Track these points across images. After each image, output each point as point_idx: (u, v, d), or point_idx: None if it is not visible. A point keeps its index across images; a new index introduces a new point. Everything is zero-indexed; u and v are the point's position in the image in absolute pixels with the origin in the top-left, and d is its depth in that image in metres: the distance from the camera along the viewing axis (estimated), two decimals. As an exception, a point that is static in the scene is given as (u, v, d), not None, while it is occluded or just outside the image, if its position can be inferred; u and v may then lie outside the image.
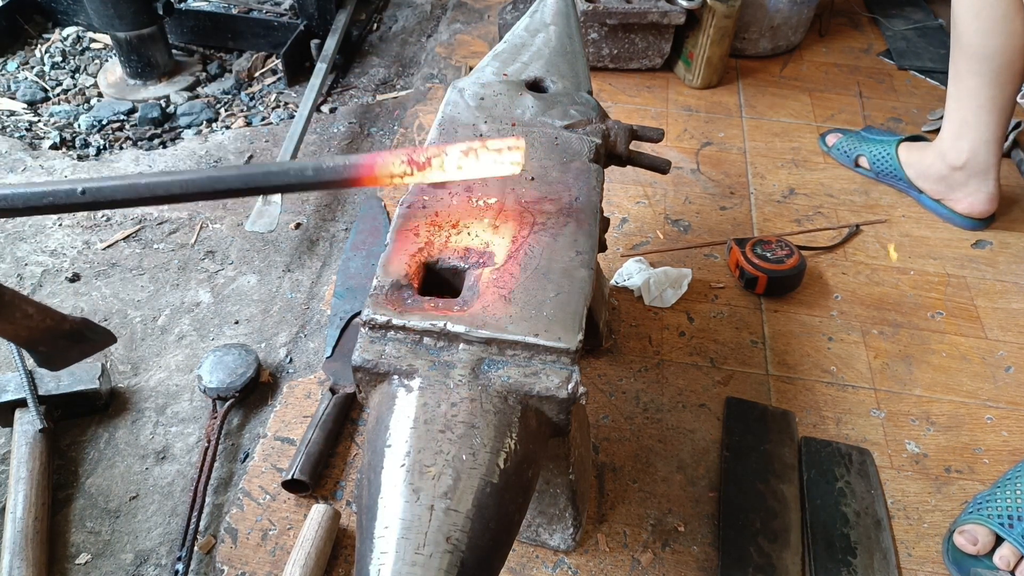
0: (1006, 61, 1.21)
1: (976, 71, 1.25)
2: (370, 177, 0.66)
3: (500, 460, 0.58)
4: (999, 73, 1.23)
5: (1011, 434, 1.06)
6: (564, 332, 0.63)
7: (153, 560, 0.91)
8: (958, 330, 1.21)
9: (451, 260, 0.69)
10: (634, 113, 1.67)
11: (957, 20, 1.24)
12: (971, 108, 1.29)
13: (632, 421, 1.05)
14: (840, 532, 0.93)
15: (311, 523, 0.88)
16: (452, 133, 0.83)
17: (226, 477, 0.99)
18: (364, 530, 0.57)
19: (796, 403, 1.09)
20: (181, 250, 1.32)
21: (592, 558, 0.90)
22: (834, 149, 1.54)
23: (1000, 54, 1.21)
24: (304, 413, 1.05)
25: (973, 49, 1.23)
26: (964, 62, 1.26)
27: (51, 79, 1.75)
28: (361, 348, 0.64)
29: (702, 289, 1.26)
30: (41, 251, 1.30)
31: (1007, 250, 1.36)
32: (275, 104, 1.71)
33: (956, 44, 1.27)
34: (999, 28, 1.18)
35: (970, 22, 1.21)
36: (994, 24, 1.18)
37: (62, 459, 1.01)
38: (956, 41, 1.27)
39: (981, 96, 1.27)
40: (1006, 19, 1.17)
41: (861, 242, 1.36)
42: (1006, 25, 1.18)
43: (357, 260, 1.28)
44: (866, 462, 1.01)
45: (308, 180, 0.66)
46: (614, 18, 1.65)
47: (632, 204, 1.42)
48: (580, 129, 0.84)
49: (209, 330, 1.18)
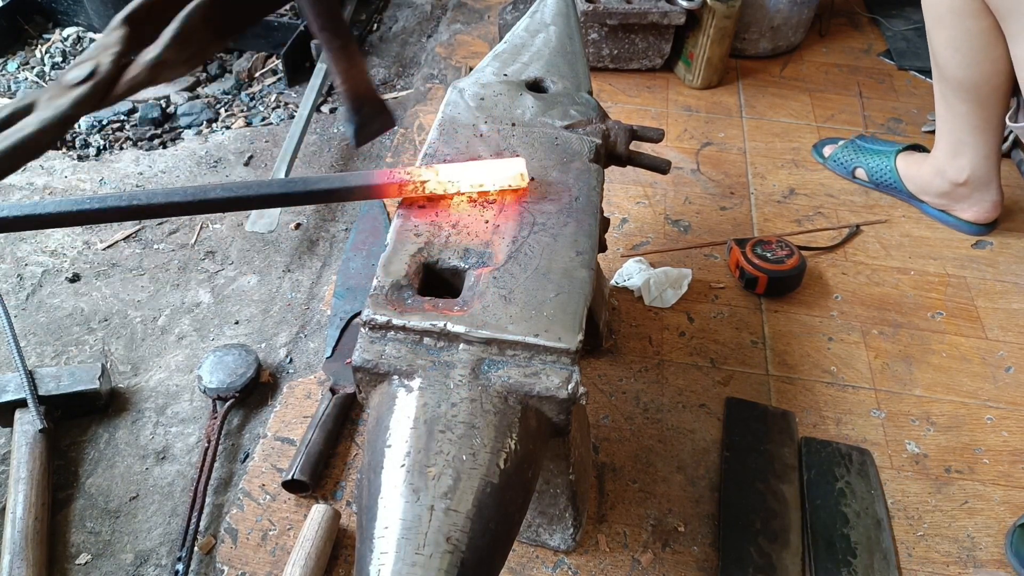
0: (992, 87, 1.19)
1: (964, 99, 1.23)
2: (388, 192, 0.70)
3: (500, 460, 0.58)
4: (988, 97, 1.20)
5: (1011, 434, 1.06)
6: (564, 332, 0.63)
7: (153, 560, 0.91)
8: (958, 330, 1.21)
9: (451, 260, 0.69)
10: (634, 113, 1.67)
11: (936, 54, 1.22)
12: (966, 129, 1.26)
13: (632, 421, 1.05)
14: (840, 532, 0.93)
15: (311, 523, 0.88)
16: (452, 133, 0.83)
17: (226, 477, 0.99)
18: (364, 530, 0.57)
19: (796, 403, 1.09)
20: (181, 250, 1.32)
21: (592, 558, 0.90)
22: (830, 161, 1.52)
23: (986, 82, 1.18)
24: (304, 413, 1.05)
25: (958, 81, 1.21)
26: (950, 91, 1.24)
27: (51, 79, 1.75)
28: (361, 348, 0.64)
29: (702, 289, 1.26)
30: (41, 251, 1.30)
31: (1007, 250, 1.36)
32: (275, 104, 1.71)
33: (940, 76, 1.25)
34: (980, 58, 1.16)
35: (951, 56, 1.19)
36: (974, 55, 1.16)
37: (62, 459, 1.01)
38: (939, 73, 1.24)
39: (974, 118, 1.24)
40: (986, 48, 1.14)
41: (861, 242, 1.36)
42: (988, 53, 1.15)
43: (357, 260, 1.28)
44: (866, 462, 1.01)
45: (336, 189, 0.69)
46: (614, 18, 1.65)
47: (632, 204, 1.42)
48: (580, 129, 0.84)
49: (209, 330, 1.18)
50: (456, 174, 0.74)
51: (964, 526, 0.96)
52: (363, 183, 0.72)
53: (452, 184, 0.73)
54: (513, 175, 0.74)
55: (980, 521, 0.96)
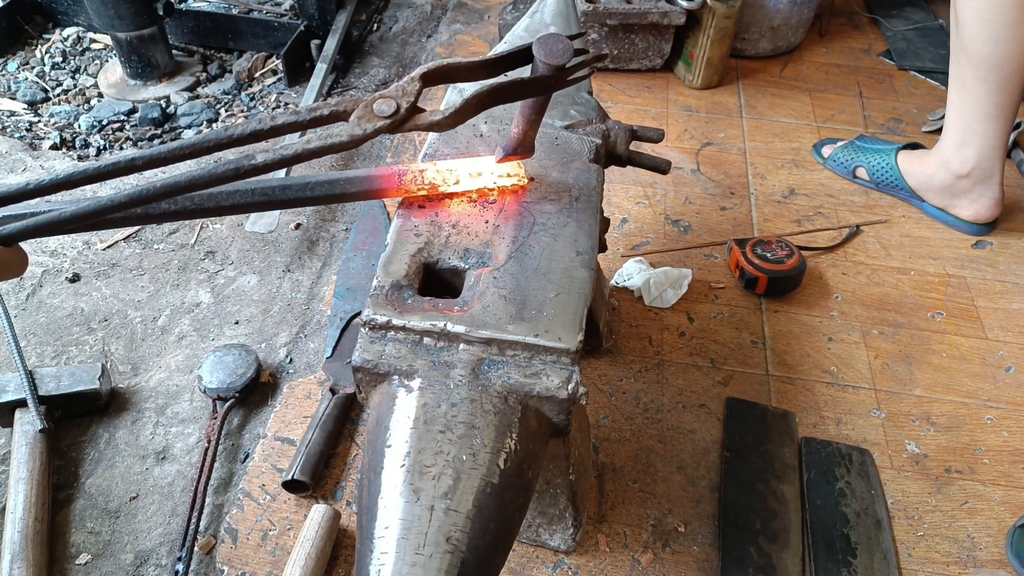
0: (1015, 68, 1.19)
1: (984, 79, 1.22)
2: (389, 192, 0.73)
3: (500, 460, 0.58)
4: (1008, 80, 1.20)
5: (1011, 434, 1.06)
6: (564, 332, 0.63)
7: (153, 560, 0.91)
8: (958, 330, 1.21)
9: (451, 260, 0.69)
10: (634, 113, 1.67)
11: (963, 28, 1.21)
12: (978, 116, 1.26)
13: (632, 421, 1.05)
14: (840, 532, 0.93)
15: (311, 523, 0.88)
16: (452, 133, 0.82)
17: (226, 477, 0.99)
18: (364, 530, 0.57)
19: (796, 403, 1.09)
20: (181, 250, 1.32)
21: (592, 558, 0.90)
22: (830, 161, 1.52)
23: (1010, 61, 1.18)
24: (304, 413, 1.05)
25: (981, 57, 1.20)
26: (970, 70, 1.23)
27: (51, 79, 1.75)
28: (361, 348, 0.64)
29: (702, 289, 1.26)
30: (41, 251, 1.30)
31: (1007, 250, 1.36)
32: (275, 104, 1.71)
33: (961, 52, 1.24)
34: (1008, 35, 1.16)
35: (978, 30, 1.18)
36: (1003, 31, 1.16)
37: (62, 459, 1.01)
38: (961, 50, 1.24)
39: (988, 103, 1.24)
40: (1016, 25, 1.14)
41: (861, 242, 1.36)
42: (1016, 31, 1.15)
43: (357, 260, 1.28)
44: (866, 462, 1.01)
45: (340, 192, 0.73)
46: (614, 18, 1.65)
47: (632, 204, 1.42)
48: (580, 129, 0.84)
49: (209, 330, 1.18)
50: (454, 164, 0.75)
51: (964, 526, 0.96)
52: (362, 176, 0.72)
53: (451, 173, 0.74)
54: (512, 167, 0.75)
55: (980, 521, 0.96)
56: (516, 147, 0.72)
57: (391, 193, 0.73)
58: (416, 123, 0.60)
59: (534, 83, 0.63)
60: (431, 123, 0.60)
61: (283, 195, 0.71)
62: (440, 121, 0.60)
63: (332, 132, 0.59)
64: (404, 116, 0.59)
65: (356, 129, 0.58)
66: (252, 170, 0.58)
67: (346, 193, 0.72)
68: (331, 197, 0.73)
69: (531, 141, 0.72)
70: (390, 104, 0.59)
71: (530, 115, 0.69)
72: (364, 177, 0.72)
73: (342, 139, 0.58)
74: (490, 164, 0.75)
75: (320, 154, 0.58)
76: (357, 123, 0.59)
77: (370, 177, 0.72)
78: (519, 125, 0.70)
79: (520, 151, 0.72)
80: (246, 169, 0.58)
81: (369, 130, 0.58)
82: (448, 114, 0.60)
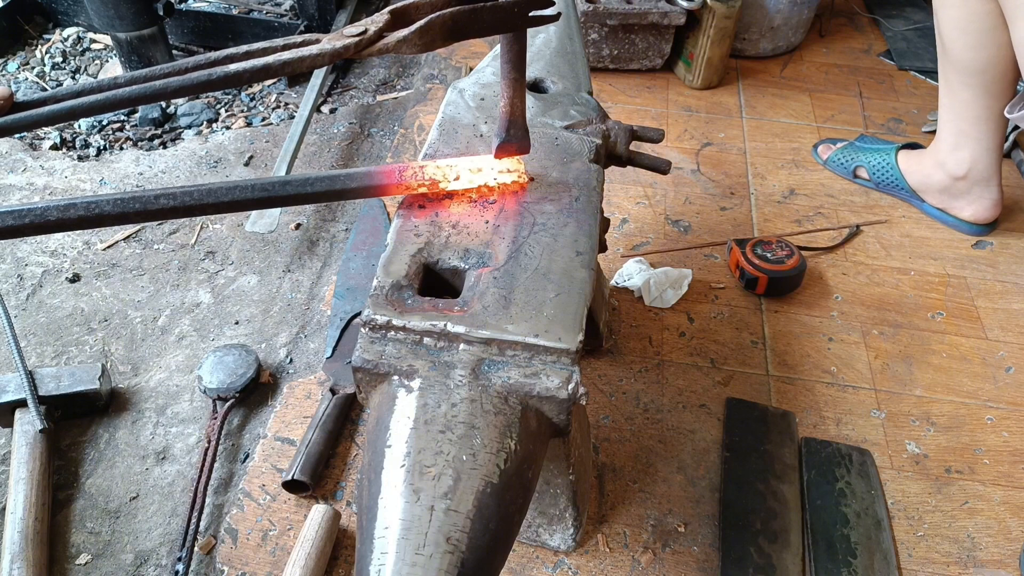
0: (998, 73, 1.19)
1: (969, 84, 1.22)
2: (389, 189, 0.73)
3: (500, 461, 0.58)
4: (993, 84, 1.20)
5: (1011, 434, 1.06)
6: (564, 332, 0.63)
7: (153, 560, 0.91)
8: (958, 330, 1.21)
9: (451, 260, 0.69)
10: (634, 114, 1.67)
11: (943, 36, 1.22)
12: (968, 119, 1.26)
13: (632, 422, 1.05)
14: (840, 533, 0.93)
15: (311, 523, 0.88)
16: (452, 133, 0.83)
17: (226, 477, 0.99)
18: (364, 530, 0.57)
19: (796, 403, 1.09)
20: (181, 250, 1.32)
21: (592, 558, 0.90)
22: (829, 162, 1.52)
23: (992, 66, 1.18)
24: (304, 413, 1.05)
25: (963, 63, 1.20)
26: (955, 76, 1.24)
27: (51, 79, 1.75)
28: (361, 348, 0.64)
29: (702, 289, 1.26)
30: (41, 251, 1.30)
31: (1007, 251, 1.36)
32: (275, 104, 1.71)
33: (945, 59, 1.25)
34: (987, 41, 1.16)
35: (957, 38, 1.19)
36: (981, 38, 1.16)
37: (62, 459, 1.01)
38: (945, 56, 1.24)
39: (977, 107, 1.24)
40: (993, 31, 1.14)
41: (861, 242, 1.36)
42: (993, 37, 1.15)
43: (357, 260, 1.28)
44: (866, 462, 1.01)
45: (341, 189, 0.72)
46: (614, 19, 1.65)
47: (632, 204, 1.42)
48: (580, 129, 0.84)
49: (209, 330, 1.18)
50: (455, 161, 0.75)
51: (964, 526, 0.96)
52: (363, 173, 0.72)
53: (451, 169, 0.74)
54: (512, 163, 0.75)
55: (980, 521, 0.96)
56: (508, 125, 0.71)
57: (391, 190, 0.73)
58: (385, 43, 0.61)
59: (497, 10, 0.63)
60: (399, 40, 0.60)
61: (283, 191, 0.70)
62: (408, 37, 0.60)
63: (304, 49, 0.61)
64: (373, 37, 0.61)
65: (327, 46, 0.61)
66: (224, 78, 0.59)
67: (346, 190, 0.72)
68: (331, 194, 0.73)
69: (521, 115, 0.71)
70: (358, 28, 0.62)
71: (510, 73, 0.68)
72: (364, 174, 0.72)
73: (313, 52, 0.60)
74: (490, 161, 0.75)
75: (293, 68, 0.60)
76: (328, 42, 0.61)
77: (370, 174, 0.72)
78: (504, 93, 0.70)
79: (515, 135, 0.71)
80: (219, 77, 0.59)
81: (339, 46, 0.61)
82: (414, 29, 0.60)
